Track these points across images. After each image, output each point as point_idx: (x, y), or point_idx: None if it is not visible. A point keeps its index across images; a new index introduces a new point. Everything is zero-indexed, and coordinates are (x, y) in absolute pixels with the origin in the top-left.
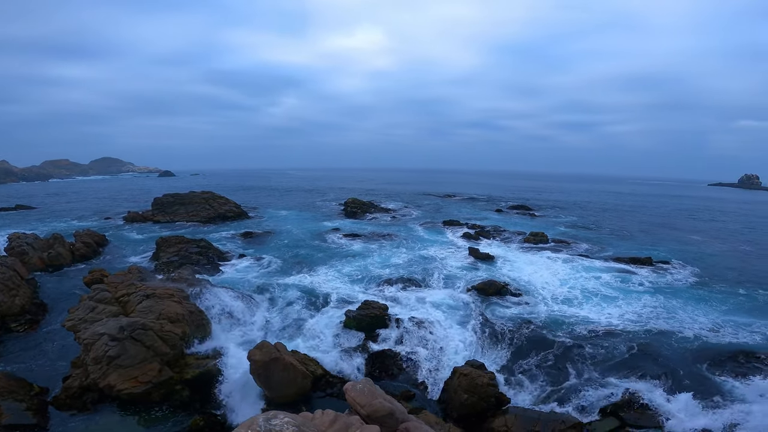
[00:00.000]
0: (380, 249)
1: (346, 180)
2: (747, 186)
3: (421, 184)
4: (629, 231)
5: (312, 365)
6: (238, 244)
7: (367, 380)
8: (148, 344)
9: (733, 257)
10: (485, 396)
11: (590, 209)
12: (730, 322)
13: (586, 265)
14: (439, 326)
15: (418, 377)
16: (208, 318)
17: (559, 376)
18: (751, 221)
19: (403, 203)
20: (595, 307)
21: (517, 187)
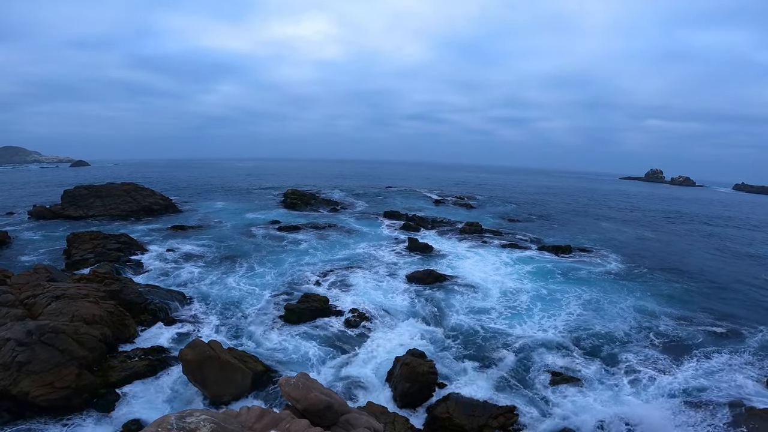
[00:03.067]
0: (321, 240)
1: (288, 171)
2: (652, 179)
3: (364, 176)
4: (554, 220)
5: (251, 362)
6: (165, 239)
7: (302, 374)
8: (62, 348)
9: (638, 244)
10: (426, 384)
11: (522, 200)
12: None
13: (517, 255)
14: (380, 316)
15: (363, 366)
16: (132, 318)
17: (493, 363)
18: (653, 211)
19: (345, 194)
20: (524, 295)
21: (457, 179)
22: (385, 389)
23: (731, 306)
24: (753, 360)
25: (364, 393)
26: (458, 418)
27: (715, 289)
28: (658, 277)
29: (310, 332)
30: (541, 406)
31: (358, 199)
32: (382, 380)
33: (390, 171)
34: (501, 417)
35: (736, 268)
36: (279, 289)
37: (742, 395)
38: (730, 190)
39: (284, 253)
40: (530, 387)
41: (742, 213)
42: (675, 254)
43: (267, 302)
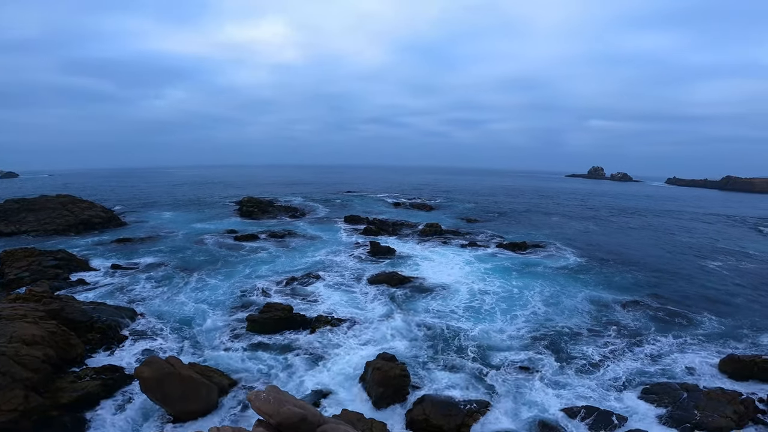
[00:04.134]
0: (281, 248)
1: (244, 177)
2: (594, 176)
3: (324, 181)
4: (509, 218)
5: (216, 376)
6: (110, 253)
7: (272, 387)
8: (3, 370)
9: (586, 237)
10: (400, 387)
11: (478, 200)
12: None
13: (477, 254)
14: (347, 321)
15: (334, 374)
16: (78, 337)
17: (463, 361)
18: (595, 205)
19: (304, 200)
20: (488, 292)
21: (416, 182)
22: (358, 395)
23: (676, 293)
24: (702, 343)
25: (338, 401)
26: (435, 418)
27: (659, 277)
28: (607, 268)
29: (276, 342)
30: (512, 400)
31: (318, 204)
32: (354, 386)
33: (350, 175)
34: (476, 414)
35: (675, 256)
36: (239, 301)
37: (694, 378)
38: (663, 184)
39: (243, 263)
40: (500, 382)
41: (675, 205)
42: (619, 245)
43: (227, 314)
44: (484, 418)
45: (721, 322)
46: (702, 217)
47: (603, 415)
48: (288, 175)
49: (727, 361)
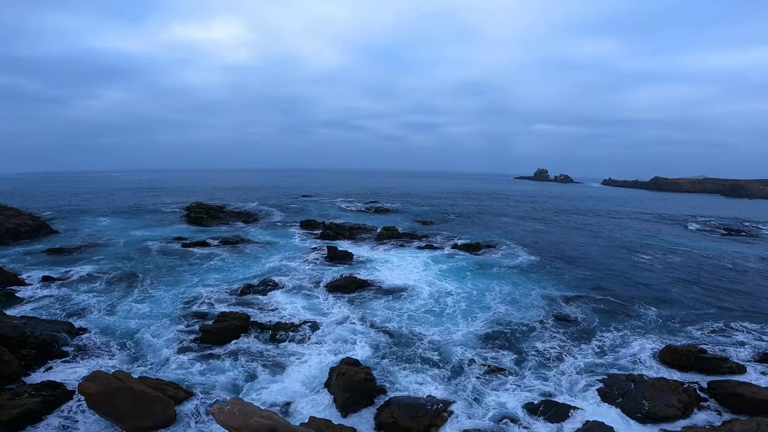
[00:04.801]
0: (234, 255)
1: (192, 182)
2: (540, 178)
3: (279, 185)
4: (464, 220)
5: (171, 389)
6: (41, 265)
7: (235, 399)
8: None
9: (534, 236)
10: (366, 391)
11: (434, 203)
12: (549, 294)
13: (434, 256)
14: (307, 327)
15: (298, 382)
16: (11, 353)
17: (426, 362)
18: (541, 206)
19: (258, 205)
20: (446, 293)
21: (372, 185)
22: (325, 402)
23: (615, 287)
24: (643, 334)
25: (304, 409)
26: (404, 421)
27: (600, 272)
28: (555, 265)
29: (234, 352)
30: (476, 399)
31: (273, 209)
32: (320, 393)
33: (306, 179)
34: (443, 414)
35: (612, 252)
36: (190, 311)
37: (639, 368)
38: (600, 185)
39: (192, 271)
40: (463, 381)
41: (610, 205)
42: (564, 244)
43: (178, 325)
44: (450, 418)
45: (657, 313)
46: (634, 215)
47: (561, 408)
48: (241, 179)
49: (666, 351)
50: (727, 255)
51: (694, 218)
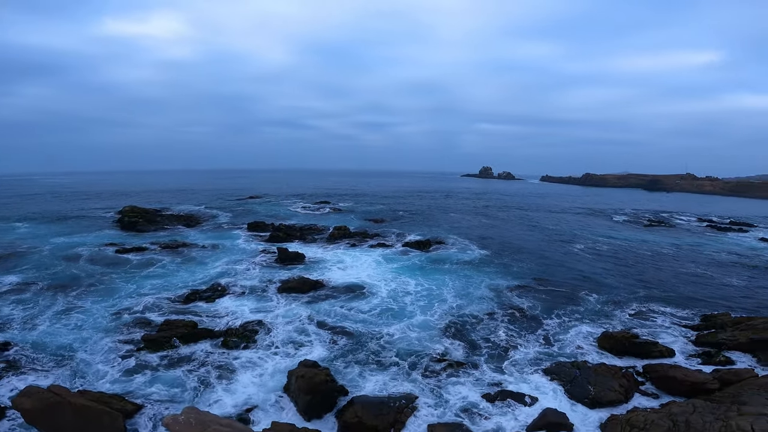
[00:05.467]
0: (176, 260)
1: (126, 185)
2: (484, 176)
3: (224, 186)
4: (414, 217)
5: (117, 402)
6: None
7: (190, 408)
8: None
9: (481, 231)
10: (327, 393)
11: (384, 201)
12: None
13: (387, 254)
14: (260, 331)
15: (256, 387)
16: None
17: (385, 360)
18: (486, 202)
19: (202, 207)
20: (401, 290)
21: (323, 185)
22: (285, 406)
23: (555, 276)
24: (582, 321)
25: (265, 414)
26: (368, 419)
27: (543, 263)
28: (501, 258)
29: (183, 360)
30: (437, 393)
31: (218, 211)
32: (279, 398)
33: (254, 180)
34: (407, 410)
35: (551, 244)
36: (131, 320)
37: (582, 354)
38: (538, 182)
39: (129, 279)
40: (423, 376)
41: (548, 200)
42: (510, 237)
43: (116, 336)
44: (414, 413)
45: (592, 299)
46: (568, 209)
47: (517, 397)
48: (181, 181)
49: (603, 338)
50: (647, 243)
51: (620, 211)
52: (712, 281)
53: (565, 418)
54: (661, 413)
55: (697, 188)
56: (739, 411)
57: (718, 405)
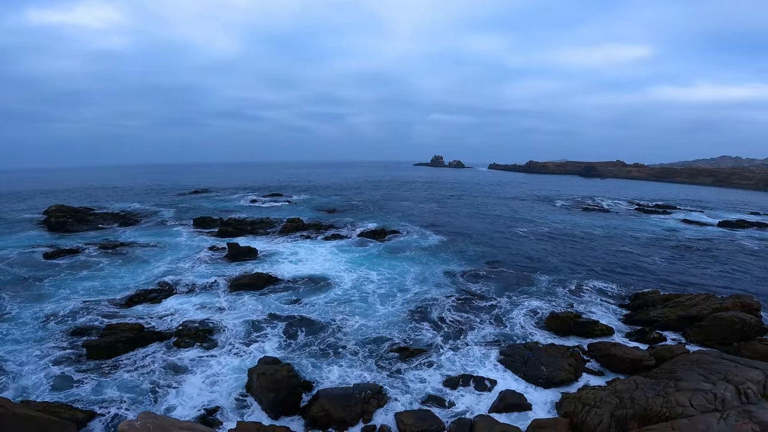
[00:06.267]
0: (115, 261)
1: (51, 183)
2: (436, 164)
3: (164, 181)
4: (368, 206)
5: (66, 411)
6: None
7: (146, 414)
8: None
9: (434, 217)
10: (291, 388)
11: (337, 191)
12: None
13: (342, 245)
14: (215, 331)
15: (216, 388)
16: None
17: (348, 351)
18: (438, 190)
19: (141, 204)
20: (359, 281)
21: (274, 177)
22: (250, 405)
23: (506, 258)
24: (530, 301)
25: (229, 415)
26: (335, 412)
27: (493, 247)
28: (456, 244)
29: (132, 365)
30: (401, 380)
31: (161, 208)
32: (242, 397)
33: (198, 174)
34: (373, 400)
35: (500, 228)
36: (69, 327)
37: (532, 335)
38: (487, 169)
39: (62, 284)
40: (387, 365)
41: (495, 187)
42: (461, 223)
43: (53, 344)
44: (380, 403)
45: (540, 280)
46: (514, 195)
47: (477, 381)
48: (118, 177)
49: (550, 318)
50: (585, 226)
51: (560, 197)
52: (641, 260)
53: (523, 398)
54: (608, 390)
55: (626, 174)
56: (676, 387)
57: (656, 381)
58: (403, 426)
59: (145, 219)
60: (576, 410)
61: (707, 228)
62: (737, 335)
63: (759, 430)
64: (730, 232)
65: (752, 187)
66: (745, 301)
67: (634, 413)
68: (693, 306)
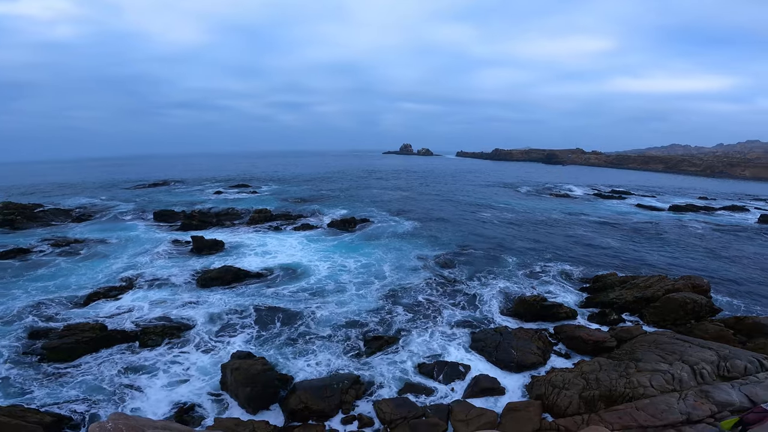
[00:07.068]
0: (70, 259)
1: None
2: (405, 153)
3: (122, 174)
4: (336, 194)
5: (32, 415)
6: None
7: (117, 414)
8: None
9: (405, 204)
10: (267, 381)
11: (306, 182)
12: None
13: (312, 235)
14: (183, 327)
15: (188, 386)
16: None
17: (324, 341)
18: (407, 177)
19: (94, 199)
20: (334, 270)
21: (239, 168)
22: (226, 401)
23: (475, 243)
24: (502, 285)
25: (206, 412)
26: (314, 403)
27: (464, 232)
28: (426, 230)
29: (95, 367)
30: (376, 368)
31: (118, 202)
32: (217, 394)
33: (158, 166)
34: (351, 390)
35: (469, 213)
36: (23, 330)
37: (500, 318)
38: (455, 157)
39: (14, 284)
40: (362, 354)
41: (463, 174)
42: (431, 210)
43: (9, 347)
44: (358, 392)
45: (507, 263)
46: (481, 182)
47: (452, 366)
48: (70, 171)
49: (518, 303)
50: (548, 211)
51: (525, 183)
52: (599, 243)
53: (496, 383)
54: (575, 372)
55: (585, 161)
56: (636, 367)
57: (618, 362)
58: (383, 414)
59: (101, 214)
60: (546, 392)
61: (659, 212)
62: (689, 315)
63: (716, 410)
64: (679, 215)
65: (700, 174)
66: (696, 282)
67: (600, 394)
68: (648, 287)
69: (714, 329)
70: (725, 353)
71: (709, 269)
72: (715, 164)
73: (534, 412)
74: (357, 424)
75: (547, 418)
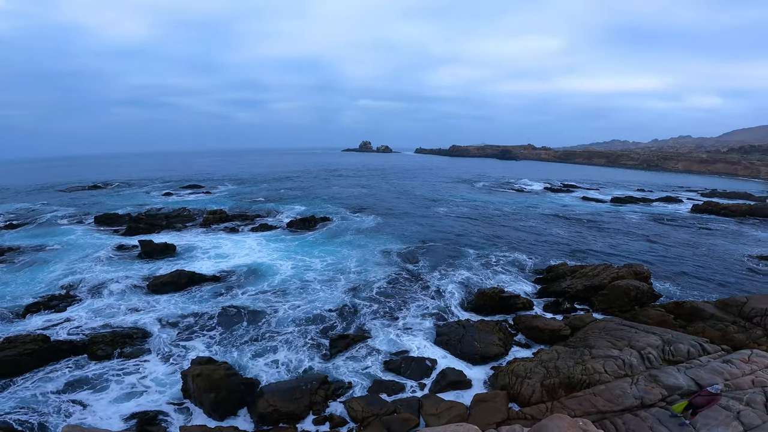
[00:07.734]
0: (5, 270)
1: None
2: (364, 150)
3: (57, 176)
4: (295, 193)
5: None
6: None
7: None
8: None
9: (365, 200)
10: (232, 387)
11: (263, 180)
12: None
13: (271, 235)
14: (135, 336)
15: (147, 396)
16: None
17: (287, 343)
18: (367, 174)
19: (26, 204)
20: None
21: (191, 167)
22: (190, 409)
23: (435, 236)
24: (462, 277)
25: (169, 422)
26: (284, 406)
27: (424, 226)
28: (389, 227)
29: (40, 381)
30: (340, 368)
31: (52, 207)
32: (180, 402)
33: (101, 166)
34: (321, 390)
35: (431, 210)
36: None
37: (463, 312)
38: (413, 153)
39: None
40: (329, 354)
41: (421, 170)
42: (392, 206)
43: None
44: (327, 392)
45: (465, 256)
46: (439, 178)
47: (418, 362)
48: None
49: (479, 295)
50: (500, 204)
51: (481, 178)
52: (549, 234)
53: (463, 375)
54: (535, 361)
55: (536, 156)
56: (591, 354)
57: (574, 350)
58: (354, 413)
59: (35, 219)
60: (510, 382)
61: (602, 204)
62: (633, 302)
63: (666, 393)
64: (619, 207)
65: (637, 167)
66: (637, 269)
67: (560, 382)
68: (595, 276)
69: (656, 314)
70: (668, 338)
71: (648, 256)
72: (651, 158)
73: (500, 402)
74: (329, 424)
75: (514, 408)
